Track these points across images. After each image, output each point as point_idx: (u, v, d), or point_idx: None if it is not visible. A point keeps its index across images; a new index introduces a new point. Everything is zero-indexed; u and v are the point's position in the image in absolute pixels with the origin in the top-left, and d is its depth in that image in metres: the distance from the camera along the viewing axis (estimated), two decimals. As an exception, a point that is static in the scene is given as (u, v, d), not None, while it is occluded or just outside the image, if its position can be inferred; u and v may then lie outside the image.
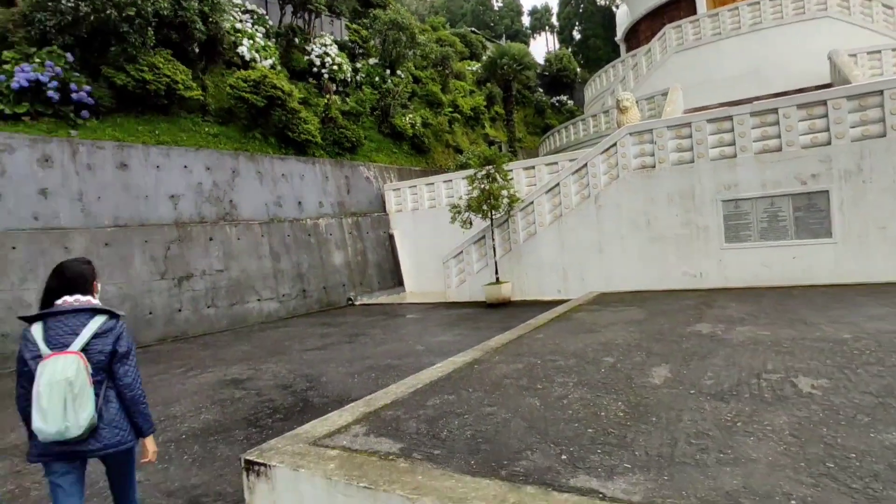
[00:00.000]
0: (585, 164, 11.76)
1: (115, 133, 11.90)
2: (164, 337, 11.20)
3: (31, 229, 10.03)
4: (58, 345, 2.42)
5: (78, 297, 2.57)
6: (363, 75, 20.56)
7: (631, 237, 11.29)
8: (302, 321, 12.60)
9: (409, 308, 13.27)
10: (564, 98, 36.31)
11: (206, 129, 13.99)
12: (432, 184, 16.47)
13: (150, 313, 11.16)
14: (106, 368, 2.55)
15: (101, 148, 11.29)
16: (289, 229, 14.26)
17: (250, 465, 3.28)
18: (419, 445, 3.36)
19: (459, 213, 11.83)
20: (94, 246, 10.66)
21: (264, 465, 3.21)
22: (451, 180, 16.11)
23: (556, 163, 13.95)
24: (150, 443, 2.73)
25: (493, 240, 12.29)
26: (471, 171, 12.30)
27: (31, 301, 9.68)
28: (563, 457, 3.03)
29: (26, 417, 2.44)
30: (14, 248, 9.70)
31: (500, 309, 11.62)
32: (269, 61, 16.57)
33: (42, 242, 10.05)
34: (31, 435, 2.45)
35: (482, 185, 11.80)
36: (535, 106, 34.11)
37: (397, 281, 16.90)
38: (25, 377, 2.43)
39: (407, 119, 20.21)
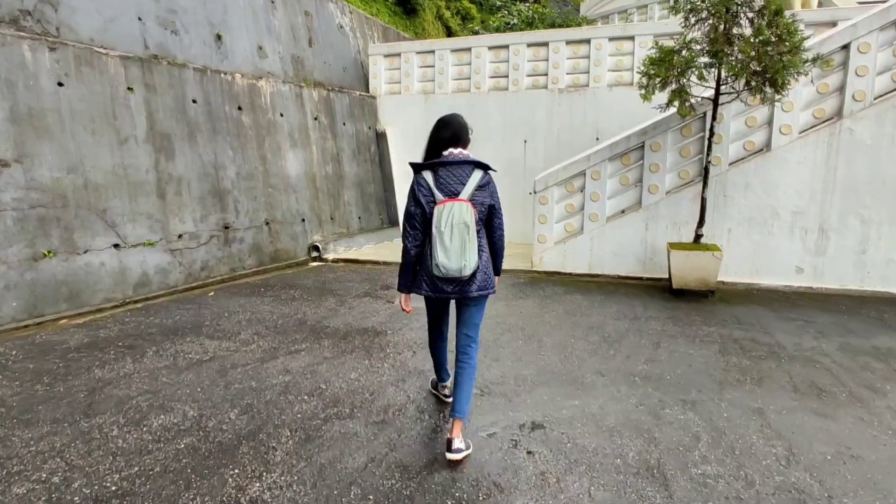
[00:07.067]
0: (927, 3, 5.39)
1: None
2: None
3: None
4: (448, 192, 2.43)
5: (461, 149, 2.55)
6: None
7: None
8: (227, 301, 5.17)
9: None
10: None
11: None
12: (466, 50, 9.17)
13: None
14: (484, 219, 2.57)
15: None
16: (196, 86, 6.33)
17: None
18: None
19: (675, 77, 4.85)
20: None
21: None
22: (505, 46, 8.95)
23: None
24: (496, 281, 2.78)
25: (710, 147, 5.56)
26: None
27: None
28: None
29: (408, 252, 2.56)
30: None
31: (710, 308, 5.16)
32: None
33: None
34: (410, 270, 2.59)
35: (729, 27, 4.91)
36: None
37: (388, 216, 9.62)
38: (417, 217, 2.50)
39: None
